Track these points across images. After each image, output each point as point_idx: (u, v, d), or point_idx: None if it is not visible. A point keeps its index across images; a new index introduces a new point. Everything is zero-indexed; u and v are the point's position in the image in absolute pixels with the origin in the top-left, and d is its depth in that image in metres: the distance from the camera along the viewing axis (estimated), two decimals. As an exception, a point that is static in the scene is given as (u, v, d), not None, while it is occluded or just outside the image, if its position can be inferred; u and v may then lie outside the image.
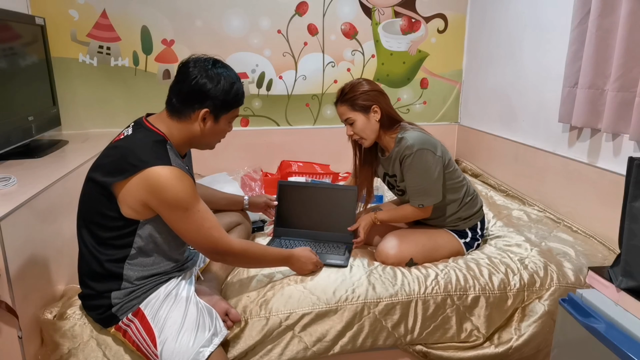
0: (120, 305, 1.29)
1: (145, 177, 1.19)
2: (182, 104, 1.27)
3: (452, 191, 1.74)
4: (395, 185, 1.79)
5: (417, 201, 1.67)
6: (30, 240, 1.40)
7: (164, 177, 1.19)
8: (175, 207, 1.21)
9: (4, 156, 1.83)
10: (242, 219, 1.84)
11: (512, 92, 2.49)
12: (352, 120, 1.68)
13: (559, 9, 2.07)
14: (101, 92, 2.62)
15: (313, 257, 1.58)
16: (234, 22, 2.69)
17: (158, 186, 1.19)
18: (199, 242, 1.28)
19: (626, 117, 1.68)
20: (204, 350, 1.24)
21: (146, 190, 1.19)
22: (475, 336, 1.58)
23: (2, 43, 1.85)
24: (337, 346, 1.49)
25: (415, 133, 1.67)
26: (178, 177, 1.21)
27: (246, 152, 2.84)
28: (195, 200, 1.25)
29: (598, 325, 1.15)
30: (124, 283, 1.29)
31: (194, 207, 1.24)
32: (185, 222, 1.24)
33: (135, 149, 1.23)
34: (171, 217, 1.24)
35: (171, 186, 1.19)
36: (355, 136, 1.71)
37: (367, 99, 1.66)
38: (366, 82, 1.70)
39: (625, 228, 1.18)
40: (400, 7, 2.83)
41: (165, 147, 1.25)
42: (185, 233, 1.27)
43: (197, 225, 1.25)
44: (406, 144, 1.63)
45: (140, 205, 1.22)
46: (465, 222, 1.78)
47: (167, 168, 1.20)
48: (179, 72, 1.29)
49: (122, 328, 1.31)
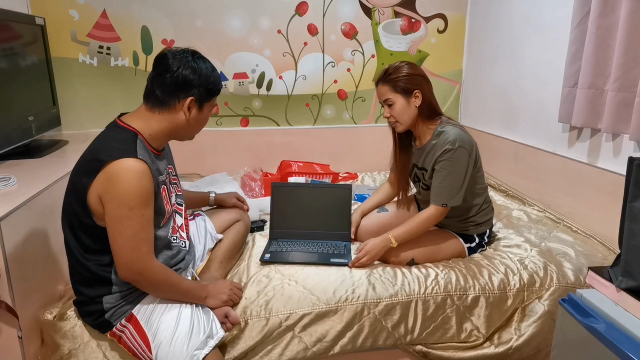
0: (113, 311, 1.29)
1: (107, 170, 1.17)
2: (166, 95, 1.27)
3: (475, 195, 1.71)
4: (422, 179, 1.74)
5: (442, 200, 1.60)
6: (30, 240, 1.40)
7: (124, 169, 1.17)
8: (121, 202, 1.16)
9: (4, 156, 1.83)
10: (241, 216, 1.82)
11: (512, 92, 2.49)
12: (392, 101, 1.63)
13: (559, 9, 2.06)
14: (101, 92, 2.62)
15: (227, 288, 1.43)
16: (234, 22, 2.69)
17: (114, 177, 1.16)
18: (124, 250, 1.19)
19: (626, 117, 1.68)
20: (198, 353, 1.22)
21: (104, 182, 1.17)
22: (475, 336, 1.58)
23: (2, 43, 1.85)
24: (337, 346, 1.49)
25: (456, 130, 1.61)
26: (137, 173, 1.18)
27: (246, 152, 2.84)
28: (145, 204, 1.20)
29: (598, 325, 1.15)
30: (113, 287, 1.28)
31: (141, 209, 1.19)
32: (124, 223, 1.18)
33: (104, 145, 1.23)
34: (113, 214, 1.18)
35: (127, 179, 1.16)
36: (392, 119, 1.66)
37: (411, 82, 1.62)
38: (411, 65, 1.64)
39: (625, 228, 1.18)
40: (400, 7, 2.83)
41: (135, 141, 1.24)
42: (117, 235, 1.19)
43: (133, 231, 1.19)
44: (448, 138, 1.58)
45: (99, 204, 1.19)
46: (477, 228, 1.76)
47: (131, 160, 1.18)
48: (160, 64, 1.29)
49: (116, 334, 1.31)
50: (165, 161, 1.41)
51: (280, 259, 1.69)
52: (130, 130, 1.27)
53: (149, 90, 1.30)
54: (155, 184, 1.26)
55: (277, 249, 1.75)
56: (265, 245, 1.80)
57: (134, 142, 1.23)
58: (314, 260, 1.68)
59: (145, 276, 1.24)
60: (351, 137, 2.96)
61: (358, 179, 2.80)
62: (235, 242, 1.71)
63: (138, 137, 1.26)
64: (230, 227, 1.75)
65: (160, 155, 1.37)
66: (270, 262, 1.67)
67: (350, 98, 2.93)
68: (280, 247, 1.77)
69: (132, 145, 1.22)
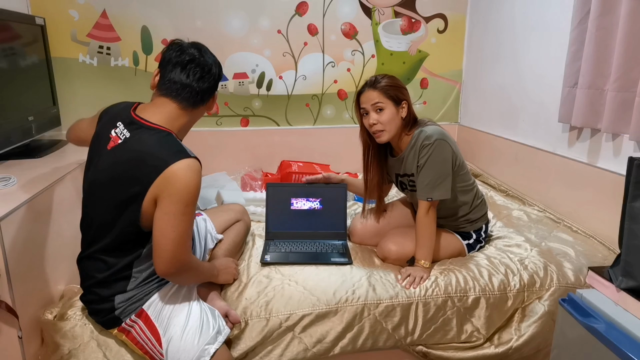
0: (123, 308, 1.29)
1: (166, 173, 1.17)
2: (207, 94, 1.32)
3: (464, 193, 1.72)
4: (408, 185, 1.74)
5: (426, 194, 1.59)
6: (30, 240, 1.40)
7: (184, 168, 1.18)
8: (180, 199, 1.17)
9: (4, 156, 1.83)
10: (241, 216, 1.82)
11: (512, 92, 2.49)
12: (382, 106, 1.61)
13: (559, 9, 2.06)
14: (101, 92, 2.62)
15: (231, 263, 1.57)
16: (234, 22, 2.68)
17: (174, 177, 1.17)
18: (173, 245, 1.19)
19: (626, 117, 1.68)
20: (209, 348, 1.25)
21: (162, 184, 1.17)
22: (475, 337, 1.58)
23: (2, 43, 1.85)
24: (337, 347, 1.49)
25: (433, 127, 1.64)
26: (197, 172, 1.20)
27: (246, 152, 2.84)
28: (196, 202, 1.24)
29: (598, 325, 1.15)
30: (129, 285, 1.29)
31: (194, 207, 1.22)
32: (179, 219, 1.18)
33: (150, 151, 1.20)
34: (169, 209, 1.17)
35: (188, 178, 1.18)
36: (378, 126, 1.62)
37: (400, 93, 1.64)
38: (397, 78, 1.68)
39: (625, 228, 1.18)
40: (400, 7, 2.83)
41: (177, 140, 1.26)
42: (170, 231, 1.18)
43: (186, 227, 1.20)
44: (425, 134, 1.60)
45: (152, 205, 1.19)
46: (472, 225, 1.77)
47: (190, 160, 1.20)
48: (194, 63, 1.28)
49: (125, 329, 1.31)
50: None
51: (280, 260, 1.69)
52: (164, 130, 1.26)
53: (187, 90, 1.27)
54: None
55: (276, 250, 1.75)
56: (262, 247, 1.79)
57: (179, 142, 1.25)
58: (314, 260, 1.68)
59: (184, 269, 1.26)
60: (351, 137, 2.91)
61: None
62: (235, 242, 1.71)
63: (175, 137, 1.27)
64: (231, 227, 1.74)
65: None
66: (271, 264, 1.67)
67: (350, 98, 2.92)
68: (278, 248, 1.77)
69: (180, 145, 1.24)
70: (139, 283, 1.30)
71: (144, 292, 1.31)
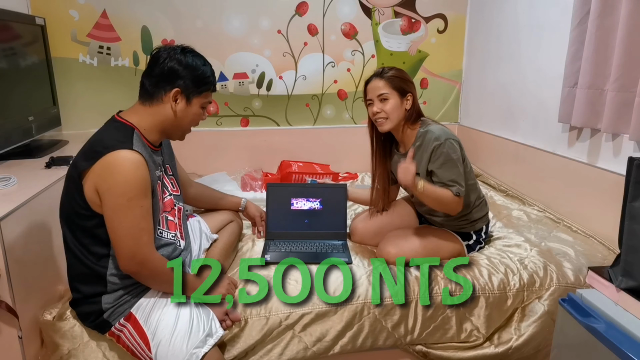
0: (111, 311, 1.29)
1: (103, 160, 1.18)
2: (154, 87, 1.30)
3: (467, 192, 1.71)
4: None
5: (455, 190, 1.56)
6: (30, 240, 1.40)
7: (120, 159, 1.18)
8: (120, 193, 1.17)
9: (4, 156, 1.83)
10: (234, 217, 1.82)
11: (512, 92, 2.49)
12: (387, 96, 1.65)
13: (558, 9, 2.07)
14: (101, 92, 2.62)
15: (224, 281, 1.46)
16: (234, 22, 2.69)
17: (110, 168, 1.18)
18: (124, 241, 1.19)
19: (626, 117, 1.68)
20: (197, 351, 1.23)
21: (100, 173, 1.18)
22: (475, 336, 1.58)
23: (2, 43, 1.85)
24: (337, 346, 1.49)
25: (439, 126, 1.66)
26: (134, 163, 1.19)
27: (246, 152, 2.84)
28: (143, 194, 1.21)
29: (598, 325, 1.15)
30: (109, 285, 1.28)
31: (139, 199, 1.19)
32: (123, 214, 1.18)
33: (102, 137, 1.25)
34: (111, 204, 1.18)
35: (124, 170, 1.17)
36: (382, 114, 1.66)
37: (406, 85, 1.67)
38: (404, 71, 1.71)
39: (625, 228, 1.18)
40: (400, 7, 2.83)
41: (132, 135, 1.26)
42: (117, 226, 1.18)
43: (134, 221, 1.19)
44: (433, 136, 1.60)
45: (95, 194, 1.20)
46: (472, 225, 1.76)
47: (127, 151, 1.19)
48: (151, 60, 1.32)
49: (115, 334, 1.31)
50: (161, 158, 1.41)
51: (280, 259, 1.69)
52: (127, 124, 1.29)
53: (141, 84, 1.33)
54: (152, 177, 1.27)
55: (276, 250, 1.76)
56: (262, 247, 1.79)
57: (130, 135, 1.25)
58: (314, 260, 1.68)
59: (146, 266, 1.24)
60: (351, 137, 2.95)
61: (358, 179, 2.80)
62: (230, 241, 1.72)
63: (134, 131, 1.27)
64: (224, 228, 1.76)
65: (157, 150, 1.37)
66: (271, 264, 1.67)
67: (350, 98, 2.93)
68: (278, 247, 1.77)
69: (129, 137, 1.24)
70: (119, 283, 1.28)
71: (132, 294, 1.30)
